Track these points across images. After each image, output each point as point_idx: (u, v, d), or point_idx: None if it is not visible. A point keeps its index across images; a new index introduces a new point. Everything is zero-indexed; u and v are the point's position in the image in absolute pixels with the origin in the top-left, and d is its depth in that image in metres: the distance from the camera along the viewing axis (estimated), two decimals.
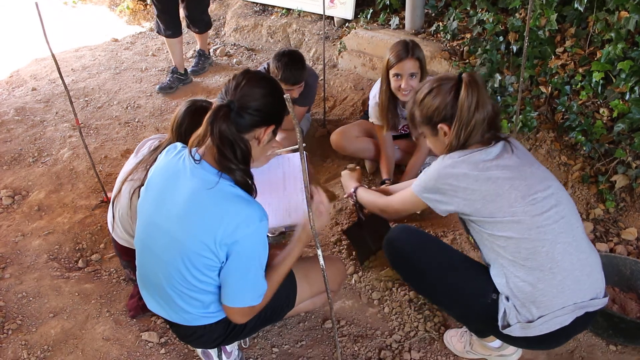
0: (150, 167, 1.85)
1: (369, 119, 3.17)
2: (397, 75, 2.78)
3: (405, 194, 1.99)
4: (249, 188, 1.65)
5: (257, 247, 1.63)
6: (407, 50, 2.74)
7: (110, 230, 2.30)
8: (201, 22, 4.59)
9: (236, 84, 1.62)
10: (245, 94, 1.59)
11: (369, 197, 2.30)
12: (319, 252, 1.56)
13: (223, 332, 1.83)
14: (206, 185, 1.59)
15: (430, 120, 1.85)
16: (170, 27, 4.31)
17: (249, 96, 1.59)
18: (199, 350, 2.13)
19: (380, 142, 3.15)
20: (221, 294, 1.69)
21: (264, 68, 3.29)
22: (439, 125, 1.83)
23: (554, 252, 1.70)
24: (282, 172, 2.16)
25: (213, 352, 2.08)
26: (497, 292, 1.80)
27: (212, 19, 5.88)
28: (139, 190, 1.74)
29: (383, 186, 2.74)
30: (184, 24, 4.59)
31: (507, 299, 1.77)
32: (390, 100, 2.92)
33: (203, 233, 1.59)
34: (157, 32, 4.44)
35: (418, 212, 2.84)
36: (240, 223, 1.57)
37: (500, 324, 1.80)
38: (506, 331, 1.78)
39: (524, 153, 1.83)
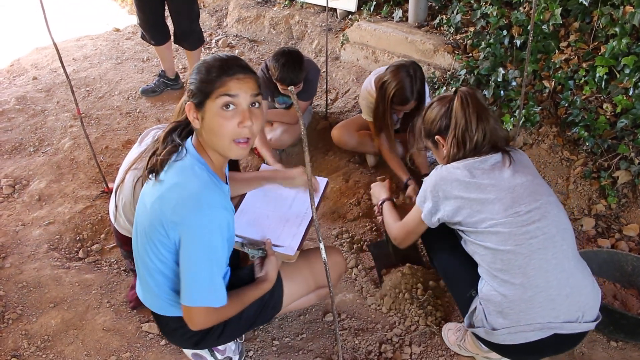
0: None
1: (363, 116, 3.17)
2: (395, 109, 2.92)
3: (411, 212, 2.03)
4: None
5: (205, 236, 1.55)
6: (412, 92, 2.77)
7: (112, 220, 2.29)
8: (192, 35, 4.03)
9: None
10: None
11: (388, 217, 2.26)
12: (321, 245, 1.55)
13: (197, 331, 1.78)
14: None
15: (429, 132, 1.98)
16: (154, 37, 4.03)
17: None
18: (188, 353, 2.11)
19: (380, 144, 3.11)
20: None
21: (264, 67, 3.26)
22: (436, 137, 1.94)
23: (527, 267, 1.71)
24: (295, 192, 2.18)
25: (204, 352, 2.06)
26: (477, 291, 1.88)
27: (214, 10, 5.87)
28: (142, 180, 1.73)
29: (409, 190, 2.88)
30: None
31: (480, 303, 1.84)
32: (387, 120, 2.96)
33: (156, 203, 1.59)
34: (142, 39, 4.15)
35: None
36: (186, 201, 1.54)
37: (466, 321, 1.90)
38: (471, 330, 1.88)
39: (523, 166, 1.85)
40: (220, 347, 2.05)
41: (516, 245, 1.71)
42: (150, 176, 1.65)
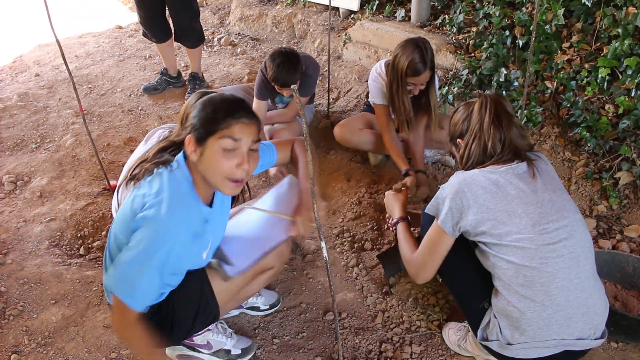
0: None
1: (370, 99, 3.16)
2: (411, 83, 2.86)
3: (428, 232, 1.91)
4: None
5: (153, 243, 1.55)
6: (425, 63, 2.77)
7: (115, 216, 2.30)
8: (192, 32, 4.07)
9: None
10: None
11: (402, 244, 2.11)
12: (323, 244, 1.55)
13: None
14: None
15: (453, 135, 1.97)
16: (155, 34, 4.06)
17: None
18: (172, 355, 2.10)
19: (383, 127, 3.11)
20: None
21: (263, 67, 3.25)
22: (457, 141, 1.93)
23: (550, 286, 1.70)
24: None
25: (189, 351, 2.08)
26: (490, 304, 1.85)
27: (217, 9, 5.87)
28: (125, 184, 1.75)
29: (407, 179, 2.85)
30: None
31: (495, 316, 1.82)
32: (402, 99, 2.93)
33: (129, 204, 1.64)
34: (144, 37, 4.18)
35: None
36: (159, 206, 1.56)
37: (479, 334, 1.87)
38: (484, 343, 1.85)
39: (549, 177, 1.82)
40: (198, 341, 2.05)
41: (542, 262, 1.69)
42: (130, 183, 1.69)
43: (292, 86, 1.36)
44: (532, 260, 1.69)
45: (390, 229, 2.22)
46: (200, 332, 2.04)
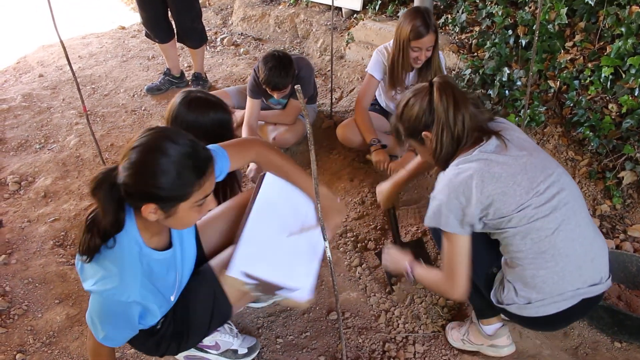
0: None
1: (367, 70, 3.15)
2: (415, 48, 2.84)
3: (444, 247, 1.83)
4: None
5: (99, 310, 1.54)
6: (427, 26, 2.76)
7: None
8: (194, 33, 4.06)
9: None
10: None
11: (426, 276, 1.98)
12: (326, 244, 1.56)
13: (153, 343, 1.79)
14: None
15: (414, 131, 1.87)
16: (158, 35, 4.05)
17: None
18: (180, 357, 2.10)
19: (362, 96, 3.15)
20: None
21: (256, 67, 3.24)
22: (423, 134, 1.84)
23: (557, 240, 1.71)
24: (305, 209, 1.91)
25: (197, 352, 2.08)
26: (498, 268, 1.87)
27: (219, 9, 5.88)
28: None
29: (393, 163, 2.86)
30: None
31: (509, 280, 1.82)
32: (403, 66, 2.94)
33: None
34: (147, 37, 4.19)
35: None
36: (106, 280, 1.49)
37: (494, 299, 1.88)
38: (501, 307, 1.85)
39: (520, 141, 1.81)
40: (209, 343, 2.05)
41: (544, 220, 1.71)
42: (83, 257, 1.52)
43: (296, 86, 1.36)
44: (535, 222, 1.71)
45: (412, 279, 2.05)
46: None
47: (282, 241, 1.81)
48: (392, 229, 2.68)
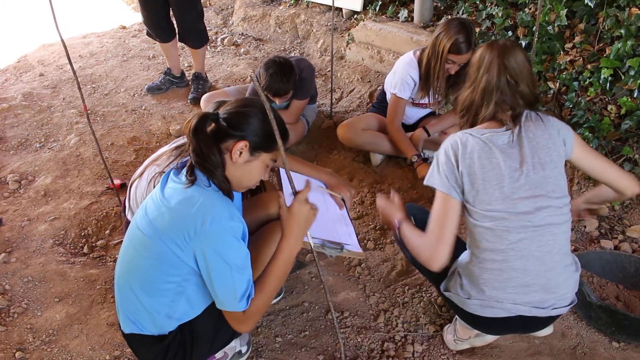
0: (174, 160, 1.97)
1: (392, 90, 3.14)
2: (450, 61, 2.84)
3: (436, 210, 1.78)
4: (227, 192, 1.66)
5: (223, 247, 1.57)
6: (470, 44, 2.76)
7: (125, 211, 2.28)
8: (195, 32, 4.06)
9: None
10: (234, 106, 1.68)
11: (411, 236, 1.85)
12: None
13: (160, 351, 1.76)
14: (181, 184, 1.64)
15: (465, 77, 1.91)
16: (159, 34, 4.06)
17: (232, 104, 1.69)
18: None
19: (392, 116, 3.15)
20: None
21: (257, 72, 3.25)
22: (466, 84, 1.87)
23: (509, 254, 1.72)
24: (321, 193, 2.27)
25: None
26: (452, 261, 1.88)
27: (220, 9, 5.89)
28: (159, 177, 1.76)
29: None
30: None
31: (459, 273, 1.86)
32: (437, 74, 2.93)
33: (160, 218, 1.62)
34: (148, 36, 4.20)
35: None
36: (206, 220, 1.55)
37: (442, 285, 1.94)
38: (446, 294, 1.90)
39: (534, 149, 1.74)
40: (218, 355, 2.03)
41: (505, 231, 1.70)
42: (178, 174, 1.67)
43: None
44: (495, 229, 1.71)
45: (396, 235, 1.96)
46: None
47: (322, 209, 1.95)
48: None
